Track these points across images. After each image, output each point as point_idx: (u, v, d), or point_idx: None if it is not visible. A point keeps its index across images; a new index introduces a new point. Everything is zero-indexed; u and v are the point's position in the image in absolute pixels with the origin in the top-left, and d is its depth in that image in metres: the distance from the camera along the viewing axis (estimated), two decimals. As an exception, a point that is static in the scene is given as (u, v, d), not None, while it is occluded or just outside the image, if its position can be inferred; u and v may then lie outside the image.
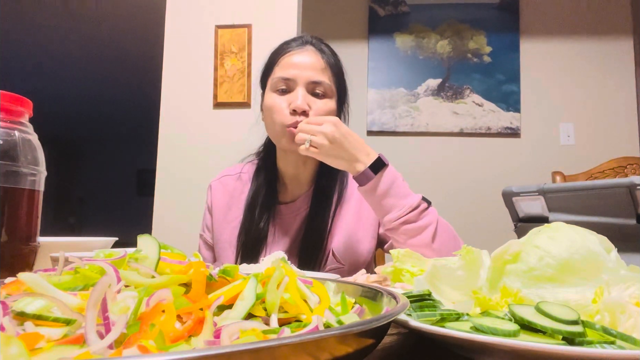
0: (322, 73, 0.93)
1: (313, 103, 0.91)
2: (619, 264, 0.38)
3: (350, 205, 1.00)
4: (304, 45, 0.96)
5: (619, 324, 0.31)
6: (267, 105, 0.94)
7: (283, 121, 0.90)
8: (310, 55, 0.94)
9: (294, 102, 0.89)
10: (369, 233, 0.99)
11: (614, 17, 2.72)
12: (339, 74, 0.98)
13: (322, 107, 0.92)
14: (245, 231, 0.98)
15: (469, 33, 2.80)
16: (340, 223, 0.98)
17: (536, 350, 0.26)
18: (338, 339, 0.23)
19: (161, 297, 0.27)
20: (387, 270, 0.59)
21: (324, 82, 0.92)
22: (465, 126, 2.74)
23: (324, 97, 0.93)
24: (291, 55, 0.94)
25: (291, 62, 0.93)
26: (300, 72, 0.91)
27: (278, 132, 0.92)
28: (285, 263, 0.40)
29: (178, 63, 2.17)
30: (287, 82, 0.92)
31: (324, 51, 0.96)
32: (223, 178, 1.09)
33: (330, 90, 0.94)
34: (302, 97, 0.90)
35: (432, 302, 0.37)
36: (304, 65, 0.92)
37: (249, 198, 1.01)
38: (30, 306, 0.26)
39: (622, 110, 2.67)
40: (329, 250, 0.96)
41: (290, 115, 0.90)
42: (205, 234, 1.08)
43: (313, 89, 0.92)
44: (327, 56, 0.96)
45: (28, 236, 0.55)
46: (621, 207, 0.57)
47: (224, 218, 1.04)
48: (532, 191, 0.67)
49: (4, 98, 0.53)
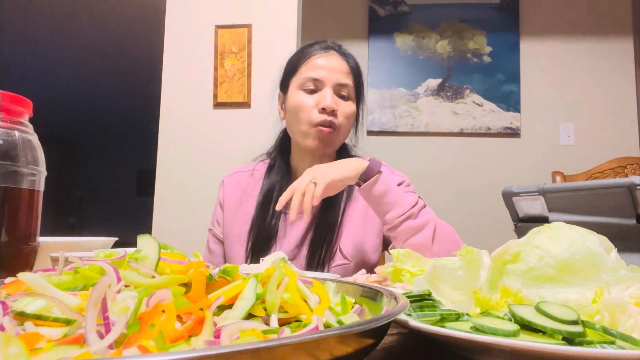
0: (347, 77, 0.98)
1: (339, 104, 0.96)
2: (619, 264, 0.38)
3: (358, 204, 1.02)
4: (328, 49, 1.01)
5: (619, 324, 0.31)
6: (294, 104, 0.98)
7: (311, 119, 0.95)
8: (337, 59, 0.99)
9: (323, 101, 0.94)
10: (375, 232, 1.01)
11: (614, 17, 2.72)
12: (360, 78, 1.03)
13: (347, 108, 0.97)
14: (258, 227, 1.00)
15: (469, 33, 2.80)
16: (348, 220, 1.00)
17: (536, 350, 0.26)
18: (338, 339, 0.23)
19: (161, 297, 0.27)
20: (387, 270, 0.59)
21: (349, 85, 0.98)
22: (465, 126, 2.74)
23: (348, 99, 0.98)
24: (318, 57, 0.99)
25: (319, 64, 0.98)
26: (329, 73, 0.96)
27: (304, 131, 0.96)
28: (285, 263, 0.40)
29: (178, 63, 2.17)
30: (315, 82, 0.96)
31: (347, 56, 1.02)
32: (236, 174, 1.11)
33: (353, 93, 0.99)
34: (332, 97, 0.95)
35: (432, 302, 0.37)
36: (331, 68, 0.97)
37: (261, 195, 1.03)
38: (30, 306, 0.26)
39: (622, 110, 2.67)
40: (337, 247, 0.98)
41: (319, 113, 0.94)
42: (215, 229, 1.10)
43: (339, 90, 0.97)
44: (350, 61, 1.02)
45: (28, 236, 0.55)
46: (621, 207, 0.57)
47: (235, 213, 1.06)
48: (532, 191, 0.67)
49: (4, 98, 0.53)
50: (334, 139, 0.97)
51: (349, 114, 0.97)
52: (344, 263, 0.97)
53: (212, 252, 1.09)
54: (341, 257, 0.97)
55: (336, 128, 0.96)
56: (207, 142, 2.11)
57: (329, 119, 0.94)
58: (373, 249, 1.00)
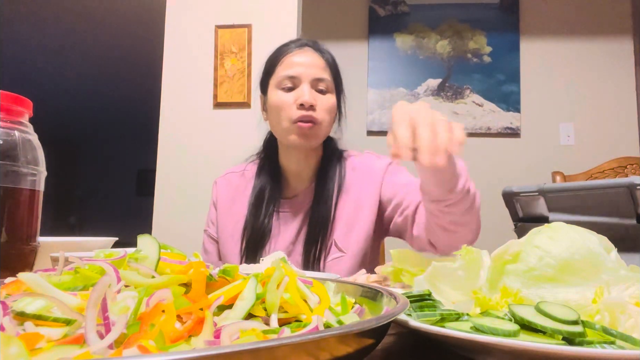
0: (324, 71, 0.99)
1: (318, 98, 0.97)
2: (619, 264, 0.38)
3: (350, 196, 1.02)
4: (302, 46, 1.02)
5: (619, 324, 0.31)
6: (274, 103, 0.98)
7: (291, 116, 0.95)
8: (311, 54, 1.00)
9: (301, 97, 0.94)
10: (367, 220, 1.00)
11: (614, 17, 2.72)
12: (337, 71, 1.04)
13: (326, 102, 0.98)
14: (251, 227, 1.01)
15: (469, 33, 2.80)
16: (341, 213, 1.01)
17: (536, 350, 0.26)
18: (338, 339, 0.23)
19: (161, 297, 0.27)
20: (387, 270, 0.59)
21: (326, 79, 0.98)
22: (466, 126, 2.73)
23: (327, 92, 0.99)
24: (293, 55, 1.00)
25: (294, 61, 0.99)
26: (305, 69, 0.97)
27: (286, 128, 0.97)
28: (285, 263, 0.40)
29: (178, 63, 2.17)
30: (292, 80, 0.97)
31: (322, 51, 1.03)
32: (228, 175, 1.14)
33: (331, 86, 1.00)
34: (309, 92, 0.95)
35: (432, 302, 0.37)
36: (307, 64, 0.98)
37: (253, 195, 1.04)
38: (30, 306, 0.26)
39: (622, 110, 2.67)
40: (331, 241, 0.99)
41: (297, 109, 0.95)
42: (209, 229, 1.12)
43: (317, 85, 0.97)
44: (325, 55, 1.02)
45: (28, 236, 0.55)
46: (621, 207, 0.57)
47: (228, 213, 1.08)
48: (532, 191, 0.67)
49: (4, 98, 0.53)
50: (315, 133, 0.97)
51: (329, 108, 0.98)
52: (339, 256, 0.98)
53: (207, 252, 1.11)
54: (336, 250, 0.98)
55: (317, 122, 0.96)
56: (207, 142, 2.11)
57: (308, 113, 0.94)
58: (367, 237, 1.00)
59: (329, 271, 0.97)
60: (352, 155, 1.09)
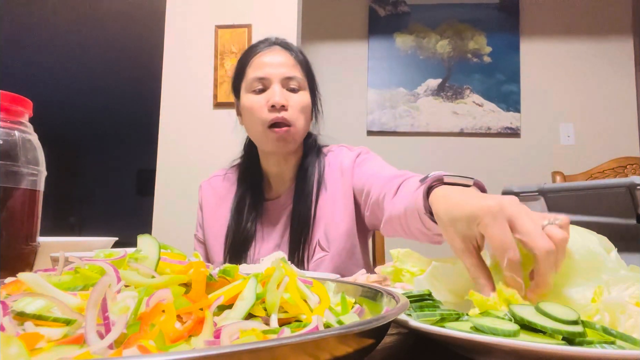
0: (294, 69, 0.97)
1: (290, 98, 0.94)
2: (619, 264, 0.38)
3: (327, 193, 1.01)
4: (271, 45, 1.00)
5: (619, 324, 0.31)
6: (246, 106, 0.96)
7: (264, 118, 0.93)
8: (280, 53, 0.98)
9: (272, 98, 0.92)
10: (345, 215, 0.99)
11: (614, 17, 2.72)
12: (309, 68, 1.02)
13: (299, 100, 0.95)
14: (233, 233, 1.01)
15: (469, 33, 2.80)
16: (321, 212, 1.00)
17: (536, 350, 0.26)
18: (338, 339, 0.23)
19: (161, 297, 0.27)
20: (387, 270, 0.59)
21: (297, 76, 0.96)
22: (465, 126, 2.74)
23: (299, 90, 0.96)
24: (261, 56, 0.97)
25: (263, 61, 0.96)
26: (274, 69, 0.95)
27: (260, 132, 0.95)
28: (285, 263, 0.40)
29: (178, 63, 2.17)
30: (262, 81, 0.95)
31: (291, 49, 1.00)
32: (212, 179, 1.14)
33: (303, 83, 0.98)
34: (280, 93, 0.93)
35: (432, 302, 0.37)
36: (276, 63, 0.95)
37: (235, 201, 1.04)
38: (30, 306, 0.26)
39: (622, 110, 2.67)
40: (316, 241, 0.97)
41: (269, 112, 0.92)
42: (198, 233, 1.13)
43: (288, 84, 0.95)
44: (295, 53, 1.00)
45: (28, 236, 0.55)
46: (621, 207, 0.57)
47: (212, 216, 1.08)
48: (532, 191, 0.67)
49: (4, 98, 0.53)
50: (291, 136, 0.94)
51: (302, 106, 0.95)
52: (323, 255, 0.96)
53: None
54: (320, 250, 0.97)
55: (291, 124, 0.93)
56: (207, 142, 2.10)
57: (280, 115, 0.92)
58: (348, 233, 0.98)
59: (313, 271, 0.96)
60: (331, 151, 1.07)
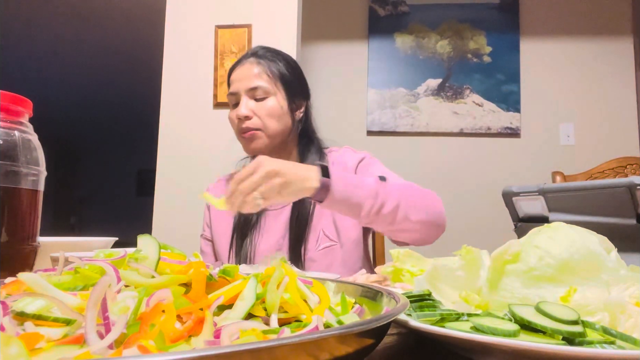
0: (258, 78, 1.02)
1: (255, 107, 1.01)
2: (619, 264, 0.38)
3: None
4: (245, 59, 1.06)
5: (619, 324, 0.31)
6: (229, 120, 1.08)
7: (237, 129, 1.04)
8: (247, 66, 1.04)
9: (237, 111, 1.02)
10: None
11: (614, 17, 2.72)
12: (281, 71, 1.05)
13: (263, 107, 1.02)
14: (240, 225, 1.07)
15: (469, 33, 2.79)
16: None
17: (536, 350, 0.26)
18: (338, 339, 0.23)
19: (161, 297, 0.27)
20: (387, 270, 0.59)
21: (261, 85, 1.02)
22: (465, 126, 2.74)
23: (266, 98, 1.02)
24: (233, 73, 1.06)
25: (233, 78, 1.05)
26: (240, 84, 1.03)
27: (239, 140, 1.06)
28: (285, 263, 0.40)
29: (178, 63, 2.17)
30: (234, 97, 1.04)
31: (261, 56, 1.05)
32: (219, 180, 1.21)
33: (269, 90, 1.02)
34: (244, 105, 1.01)
35: (432, 302, 0.37)
36: (240, 77, 1.04)
37: None
38: (30, 306, 0.26)
39: (622, 110, 2.67)
40: (319, 231, 1.02)
41: (239, 122, 1.02)
42: (205, 232, 1.18)
43: (253, 95, 1.02)
44: (263, 60, 1.05)
45: (28, 236, 0.55)
46: (621, 207, 0.57)
47: (219, 213, 1.13)
48: (532, 191, 0.67)
49: (4, 98, 0.53)
50: (256, 139, 1.02)
51: (268, 112, 1.01)
52: (331, 244, 1.01)
53: (204, 253, 1.16)
54: (327, 239, 1.02)
55: (257, 130, 1.01)
56: (207, 142, 2.10)
57: (245, 125, 1.01)
58: (355, 224, 1.04)
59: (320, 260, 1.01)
60: (333, 151, 1.13)
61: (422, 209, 0.87)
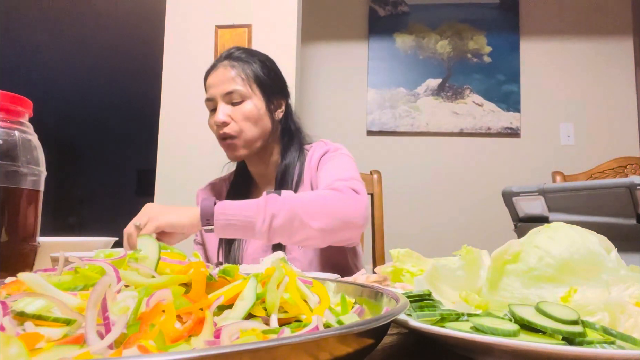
0: (233, 81, 1.01)
1: (232, 112, 1.00)
2: (619, 264, 0.38)
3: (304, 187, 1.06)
4: (219, 62, 1.04)
5: (619, 324, 0.31)
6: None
7: (216, 135, 1.03)
8: (221, 71, 1.02)
9: (214, 118, 1.01)
10: None
11: (614, 17, 2.72)
12: (256, 72, 1.04)
13: (240, 111, 1.01)
14: None
15: (469, 33, 2.80)
16: None
17: (536, 350, 0.26)
18: (338, 339, 0.23)
19: (161, 297, 0.27)
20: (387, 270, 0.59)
21: (237, 89, 1.00)
22: (465, 126, 2.74)
23: (242, 102, 1.01)
24: (208, 78, 1.04)
25: (208, 84, 1.04)
26: (215, 89, 1.01)
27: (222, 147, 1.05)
28: (285, 263, 0.40)
29: (178, 63, 2.17)
30: (211, 103, 1.03)
31: (235, 58, 1.04)
32: (208, 185, 1.22)
33: (245, 93, 1.01)
34: (221, 111, 1.00)
35: (432, 302, 0.37)
36: (216, 83, 1.02)
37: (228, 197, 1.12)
38: (30, 306, 0.26)
39: (622, 110, 2.67)
40: None
41: (217, 128, 1.01)
42: (197, 237, 1.18)
43: (230, 99, 1.01)
44: (237, 62, 1.03)
45: (28, 236, 0.55)
46: (621, 207, 0.57)
47: None
48: (532, 191, 0.67)
49: (4, 98, 0.53)
50: (235, 144, 1.02)
51: (245, 116, 1.00)
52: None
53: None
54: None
55: (234, 135, 1.00)
56: (207, 142, 2.10)
57: (222, 132, 1.00)
58: None
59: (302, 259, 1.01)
60: (312, 147, 1.12)
61: (323, 215, 0.84)
